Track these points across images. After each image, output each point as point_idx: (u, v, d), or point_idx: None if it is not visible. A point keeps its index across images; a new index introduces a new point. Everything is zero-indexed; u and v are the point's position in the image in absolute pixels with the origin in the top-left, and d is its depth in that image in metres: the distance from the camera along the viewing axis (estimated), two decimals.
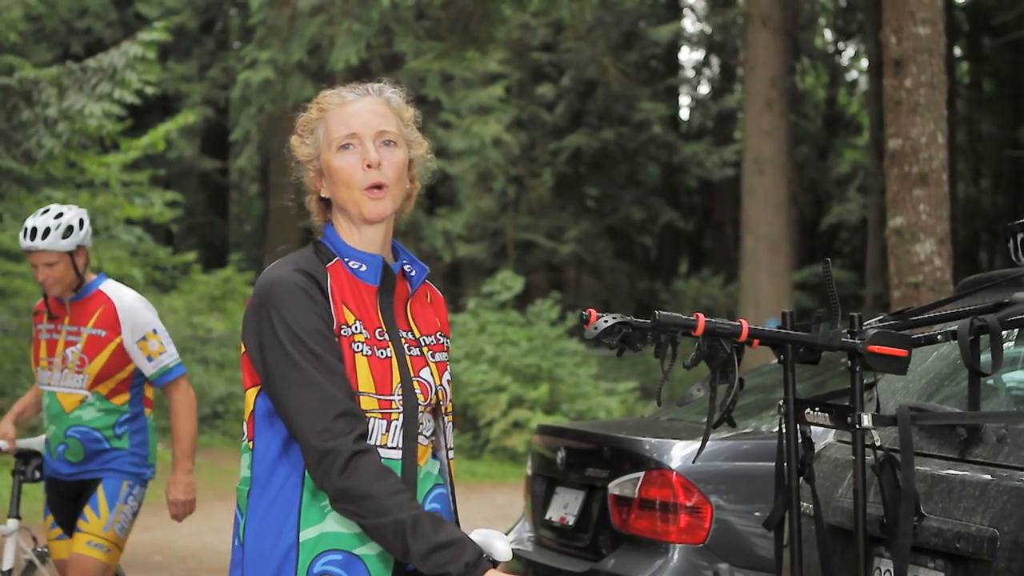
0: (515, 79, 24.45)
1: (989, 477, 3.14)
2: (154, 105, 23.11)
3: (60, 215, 5.10)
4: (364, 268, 2.71)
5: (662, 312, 2.87)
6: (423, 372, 2.72)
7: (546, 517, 5.79)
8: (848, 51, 33.65)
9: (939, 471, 3.28)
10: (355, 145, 2.69)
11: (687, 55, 33.74)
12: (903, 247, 8.34)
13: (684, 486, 5.08)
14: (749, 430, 5.40)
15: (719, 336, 2.92)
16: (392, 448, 2.64)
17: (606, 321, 2.84)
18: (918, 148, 8.32)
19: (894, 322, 3.30)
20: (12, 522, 5.42)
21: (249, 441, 2.70)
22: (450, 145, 22.17)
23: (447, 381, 2.78)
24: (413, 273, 2.78)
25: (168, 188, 20.92)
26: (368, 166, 2.67)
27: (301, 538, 2.61)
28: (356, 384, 2.62)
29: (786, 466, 3.09)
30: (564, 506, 5.67)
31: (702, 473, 5.09)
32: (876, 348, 3.04)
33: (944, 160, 8.39)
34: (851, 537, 3.12)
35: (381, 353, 2.66)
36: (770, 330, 3.03)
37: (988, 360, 3.29)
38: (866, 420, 3.06)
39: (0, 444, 5.40)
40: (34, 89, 12.32)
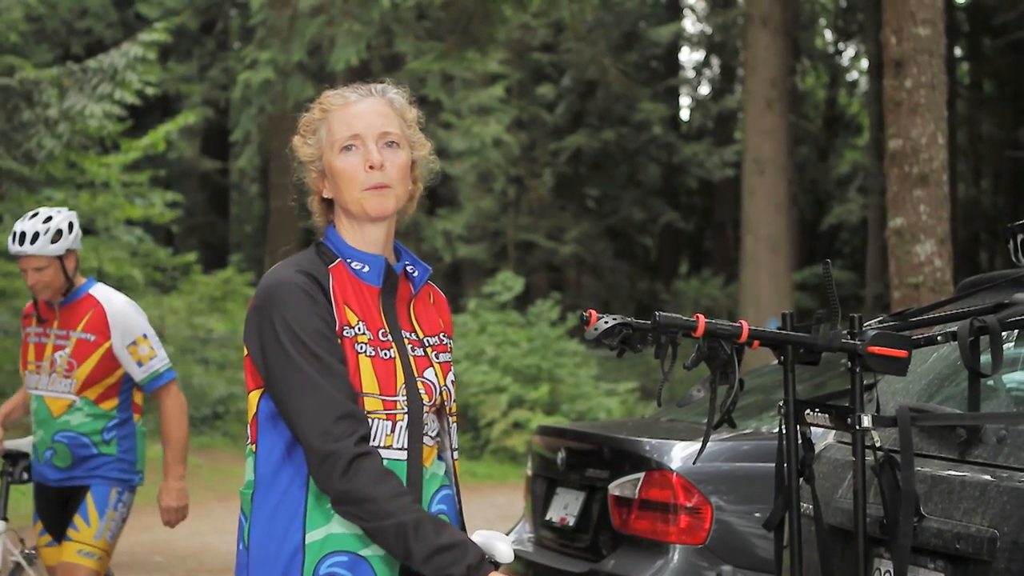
0: (515, 79, 24.44)
1: (989, 478, 3.15)
2: (154, 106, 23.10)
3: (49, 219, 5.03)
4: (367, 269, 2.70)
5: (662, 313, 2.87)
6: (427, 373, 2.71)
7: (546, 518, 5.79)
8: (848, 51, 33.67)
9: (939, 472, 3.29)
10: (358, 146, 2.68)
11: (687, 55, 33.80)
12: (903, 248, 8.34)
13: (684, 487, 5.08)
14: (749, 431, 5.40)
15: (719, 337, 2.92)
16: (397, 449, 2.64)
17: (606, 322, 2.84)
18: (918, 149, 8.32)
19: (894, 323, 3.31)
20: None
21: (252, 444, 2.68)
22: (450, 146, 22.16)
23: (451, 382, 2.78)
24: (416, 274, 2.77)
25: (168, 189, 20.92)
26: (370, 167, 2.67)
27: (307, 540, 2.60)
28: (360, 385, 2.61)
29: (786, 467, 3.09)
30: (564, 507, 5.67)
31: (702, 474, 5.09)
32: (876, 349, 3.04)
33: (944, 161, 8.40)
34: (851, 538, 3.12)
35: (384, 354, 2.65)
36: (770, 331, 3.03)
37: (988, 361, 3.29)
38: (866, 421, 3.06)
39: None
40: (35, 90, 12.34)
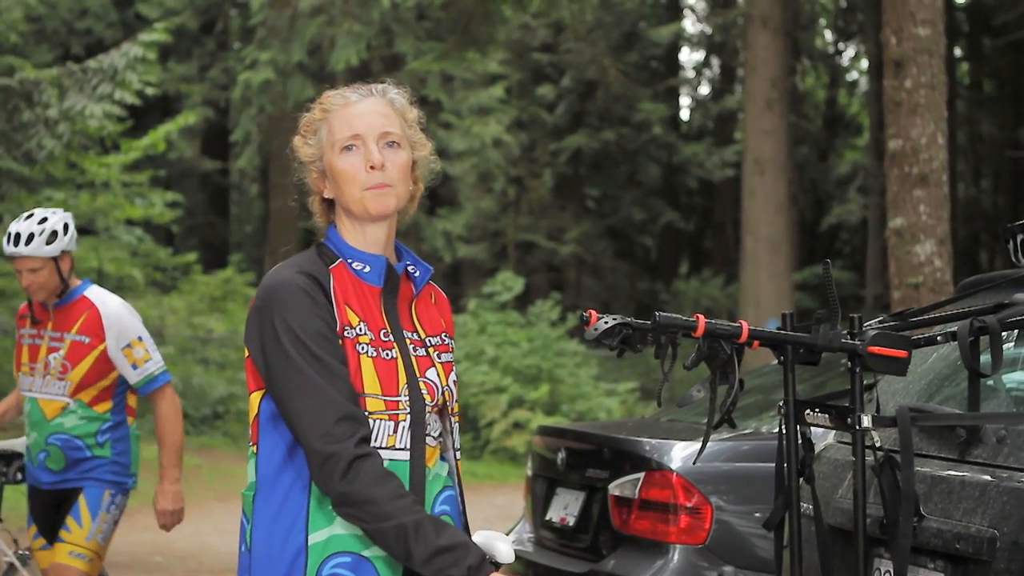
0: (515, 80, 24.44)
1: (989, 478, 3.15)
2: (154, 106, 23.10)
3: (44, 220, 5.01)
4: (368, 269, 2.69)
5: (662, 313, 2.87)
6: (429, 373, 2.71)
7: (546, 518, 5.80)
8: (848, 52, 33.66)
9: (939, 472, 3.29)
10: (358, 146, 2.68)
11: (687, 56, 33.78)
12: (903, 248, 8.34)
13: (684, 487, 5.09)
14: (749, 431, 5.40)
15: (719, 337, 2.92)
16: (400, 449, 2.63)
17: (606, 322, 2.84)
18: (918, 149, 8.32)
19: (894, 323, 3.31)
20: None
21: (254, 445, 2.68)
22: (450, 146, 22.16)
23: (453, 382, 2.77)
24: (417, 274, 2.77)
25: (168, 189, 20.93)
26: (371, 167, 2.66)
27: (310, 541, 2.60)
28: (362, 386, 2.60)
29: (786, 467, 3.09)
30: (564, 507, 5.67)
31: (702, 474, 5.09)
32: (876, 349, 3.04)
33: (944, 161, 8.40)
34: (851, 538, 3.12)
35: (386, 354, 2.65)
36: (770, 331, 3.03)
37: (988, 361, 3.29)
38: (866, 421, 3.06)
39: None
40: (35, 90, 12.34)
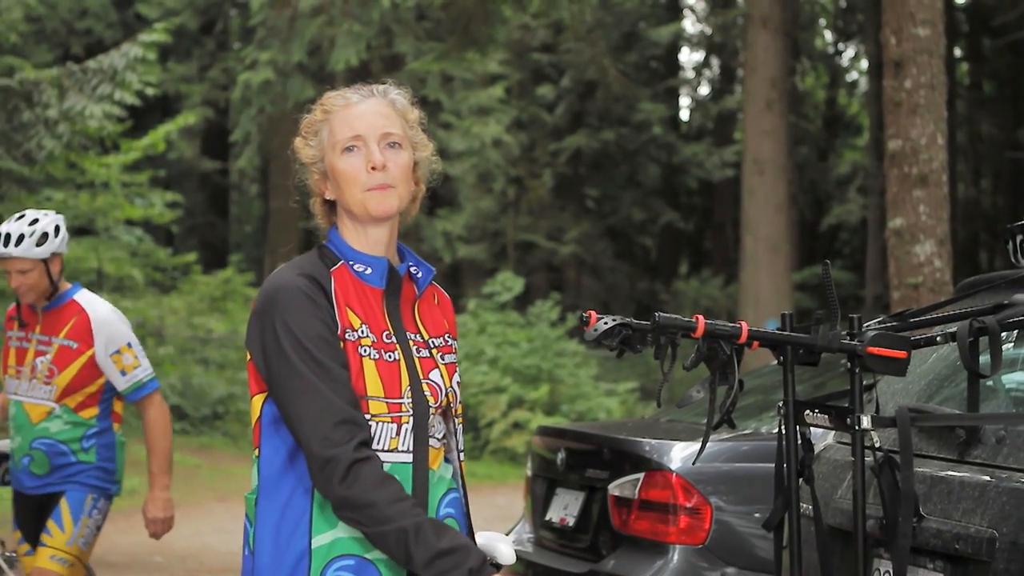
0: (515, 80, 24.44)
1: (988, 478, 3.15)
2: (154, 106, 23.11)
3: (35, 221, 4.98)
4: (369, 271, 2.68)
5: (662, 314, 2.87)
6: (432, 374, 2.69)
7: (546, 518, 5.80)
8: (848, 52, 33.67)
9: (938, 472, 3.29)
10: (359, 147, 2.67)
11: (687, 56, 33.79)
12: (903, 248, 8.34)
13: (684, 487, 5.09)
14: (749, 431, 5.40)
15: (719, 338, 2.92)
16: (403, 452, 2.62)
17: (606, 323, 2.84)
18: (918, 149, 8.32)
19: (894, 323, 3.31)
20: None
21: (256, 449, 2.67)
22: (450, 146, 22.16)
23: (457, 383, 2.76)
24: (419, 275, 2.75)
25: (168, 189, 20.95)
26: (372, 168, 2.65)
27: (313, 545, 2.59)
28: (364, 388, 2.59)
29: (786, 467, 3.09)
30: (564, 507, 5.67)
31: (702, 474, 5.09)
32: (875, 350, 3.04)
33: (944, 161, 8.39)
34: (850, 538, 3.13)
35: (389, 356, 2.64)
36: (770, 332, 3.03)
37: (987, 362, 3.29)
38: (865, 422, 3.06)
39: None
40: (34, 90, 12.33)
